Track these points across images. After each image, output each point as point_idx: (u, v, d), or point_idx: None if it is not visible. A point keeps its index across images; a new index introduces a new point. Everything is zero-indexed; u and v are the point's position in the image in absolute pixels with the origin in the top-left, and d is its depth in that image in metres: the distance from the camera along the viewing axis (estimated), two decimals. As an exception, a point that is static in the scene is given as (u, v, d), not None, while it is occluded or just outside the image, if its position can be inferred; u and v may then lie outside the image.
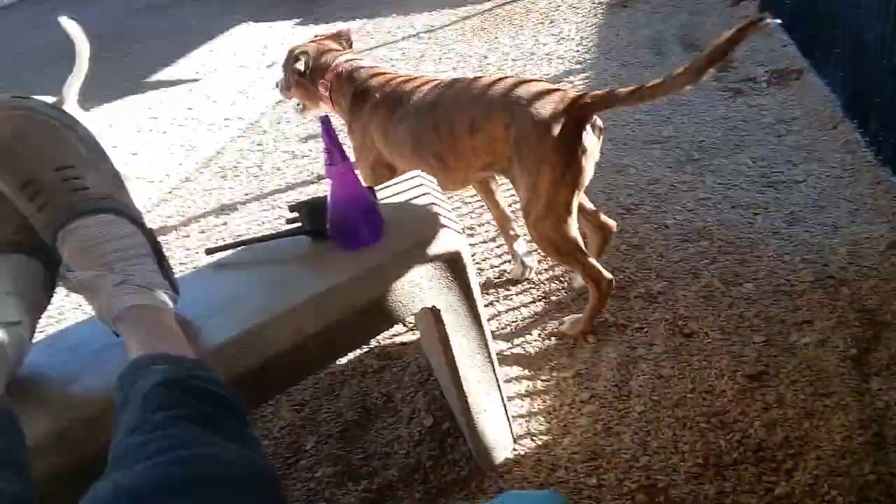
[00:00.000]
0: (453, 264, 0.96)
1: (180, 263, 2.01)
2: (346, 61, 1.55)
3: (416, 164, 1.38)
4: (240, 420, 0.60)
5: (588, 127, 1.22)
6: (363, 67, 1.53)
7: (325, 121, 0.89)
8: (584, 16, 3.44)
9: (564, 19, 3.43)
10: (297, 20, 4.57)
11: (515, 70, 2.90)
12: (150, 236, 0.80)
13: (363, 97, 1.49)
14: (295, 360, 0.88)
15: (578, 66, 2.80)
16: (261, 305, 0.88)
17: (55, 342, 0.88)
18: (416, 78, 1.46)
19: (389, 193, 1.11)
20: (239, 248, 1.04)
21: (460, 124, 1.30)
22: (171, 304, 0.76)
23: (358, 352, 1.50)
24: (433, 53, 3.35)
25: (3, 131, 0.73)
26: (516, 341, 1.45)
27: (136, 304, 0.71)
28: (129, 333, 0.70)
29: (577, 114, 1.21)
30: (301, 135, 2.77)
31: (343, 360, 1.48)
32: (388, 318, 0.95)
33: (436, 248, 0.95)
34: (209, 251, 1.04)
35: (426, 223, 1.00)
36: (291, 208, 1.02)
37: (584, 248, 1.32)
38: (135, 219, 0.78)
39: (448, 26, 3.75)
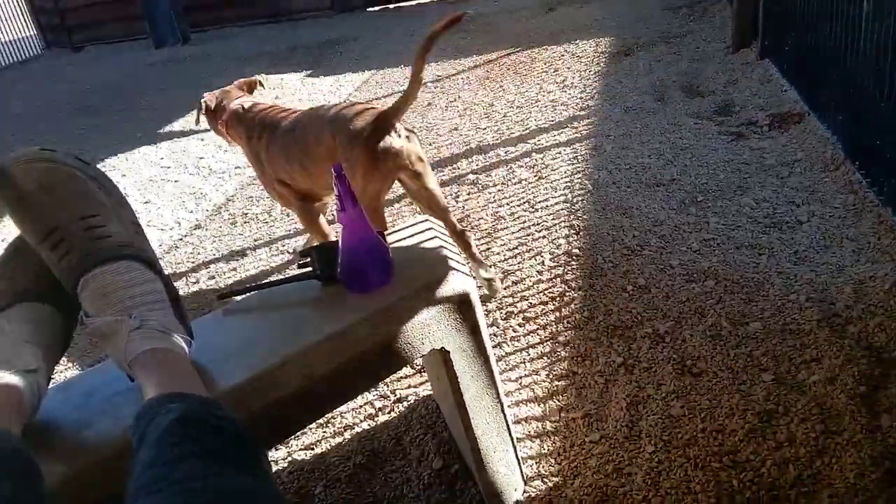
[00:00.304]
0: (462, 306, 0.98)
1: (191, 310, 2.04)
2: (238, 103, 1.89)
3: (291, 174, 1.76)
4: (253, 455, 0.61)
5: (393, 133, 1.55)
6: (251, 106, 1.86)
7: (338, 169, 0.93)
8: (586, 64, 3.53)
9: (568, 68, 3.53)
10: (307, 72, 4.70)
11: (521, 117, 2.97)
12: (167, 281, 0.82)
13: (251, 129, 1.83)
14: (305, 403, 0.89)
15: (582, 113, 2.86)
16: (272, 349, 0.90)
17: (69, 389, 0.90)
18: (286, 109, 1.82)
19: (399, 237, 1.13)
20: (250, 293, 1.06)
21: (310, 140, 1.66)
22: (185, 347, 0.78)
23: (366, 394, 1.50)
24: (440, 101, 3.43)
25: (28, 182, 0.76)
26: (524, 382, 1.46)
27: (152, 348, 0.73)
28: (145, 376, 0.71)
29: (380, 124, 1.54)
30: (310, 182, 2.82)
31: (351, 403, 1.49)
32: (398, 359, 0.97)
33: (445, 289, 0.97)
34: (221, 296, 1.06)
35: (435, 265, 1.02)
36: (302, 253, 1.05)
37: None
38: (153, 265, 0.81)
39: (454, 76, 3.85)
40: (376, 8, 6.82)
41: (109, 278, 0.75)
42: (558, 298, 1.69)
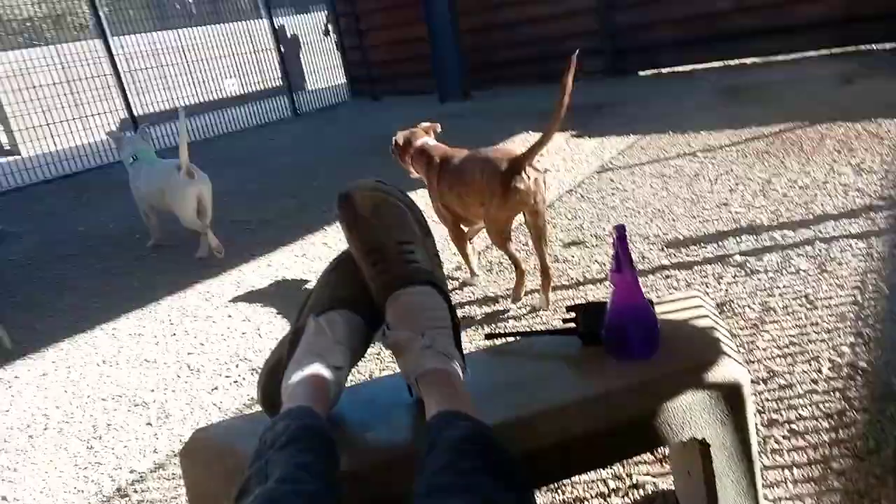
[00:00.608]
0: (732, 397, 0.92)
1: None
2: (422, 142, 2.41)
3: (451, 201, 2.26)
4: (525, 483, 0.66)
5: (523, 174, 1.97)
6: (432, 146, 2.39)
7: (621, 229, 0.94)
8: (890, 148, 3.11)
9: (866, 149, 3.14)
10: (573, 132, 4.84)
11: (803, 199, 2.71)
12: (453, 312, 0.91)
13: (430, 163, 2.33)
14: (556, 459, 0.91)
15: (882, 203, 2.52)
16: (530, 396, 0.93)
17: (356, 393, 1.02)
18: (455, 150, 2.33)
19: (667, 309, 1.10)
20: (515, 338, 1.12)
21: (466, 176, 2.15)
22: (461, 374, 0.86)
23: (600, 470, 1.46)
24: (709, 173, 3.28)
25: (363, 207, 0.91)
26: (791, 490, 1.29)
27: (437, 368, 0.82)
28: (429, 391, 0.80)
29: (513, 166, 1.97)
30: (565, 240, 2.88)
31: (584, 475, 1.45)
32: (651, 439, 0.94)
33: (714, 375, 0.92)
34: (489, 336, 1.14)
35: (705, 346, 0.98)
36: (569, 308, 1.08)
37: (513, 253, 2.21)
38: (446, 294, 0.91)
39: (728, 147, 3.66)
40: (648, 72, 6.80)
41: (413, 298, 0.87)
42: (836, 417, 1.47)
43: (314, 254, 3.15)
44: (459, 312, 1.82)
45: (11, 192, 5.58)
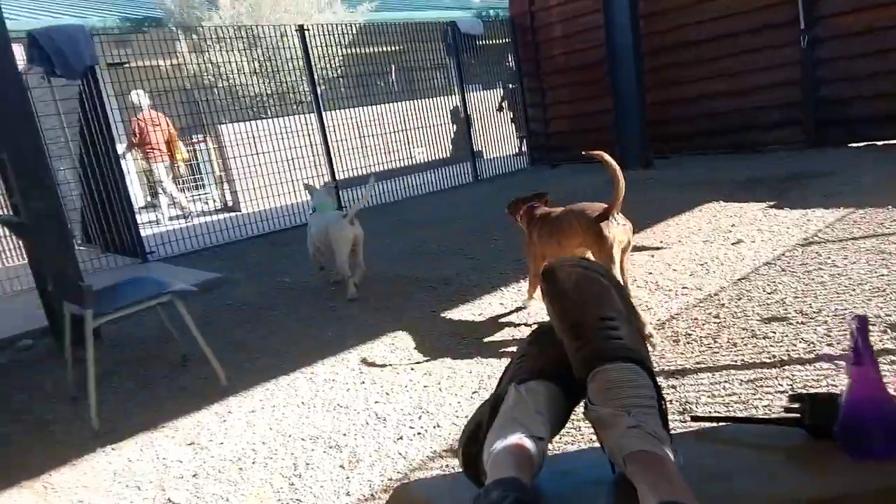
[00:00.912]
0: None
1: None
2: (529, 205, 3.04)
3: (548, 247, 2.86)
4: None
5: (612, 221, 2.53)
6: (536, 208, 3.00)
7: (862, 321, 0.86)
8: None
9: None
10: (770, 203, 4.52)
11: None
12: (660, 393, 0.88)
13: (532, 220, 2.97)
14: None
15: None
16: (748, 490, 0.86)
17: (552, 465, 1.01)
18: (553, 210, 2.92)
19: (913, 407, 0.97)
20: (725, 423, 1.05)
21: (564, 225, 2.75)
22: (673, 459, 0.82)
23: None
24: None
25: (567, 282, 0.92)
26: None
27: (646, 450, 0.79)
28: (642, 475, 0.77)
29: (604, 214, 2.54)
30: (764, 315, 2.66)
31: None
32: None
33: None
34: (695, 418, 1.07)
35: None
36: (792, 398, 0.99)
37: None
38: (651, 373, 0.88)
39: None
40: (859, 144, 6.20)
41: (615, 375, 0.85)
42: None
43: (489, 312, 3.21)
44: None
45: (230, 245, 6.38)
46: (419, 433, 2.15)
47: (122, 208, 6.00)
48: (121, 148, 6.90)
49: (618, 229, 2.53)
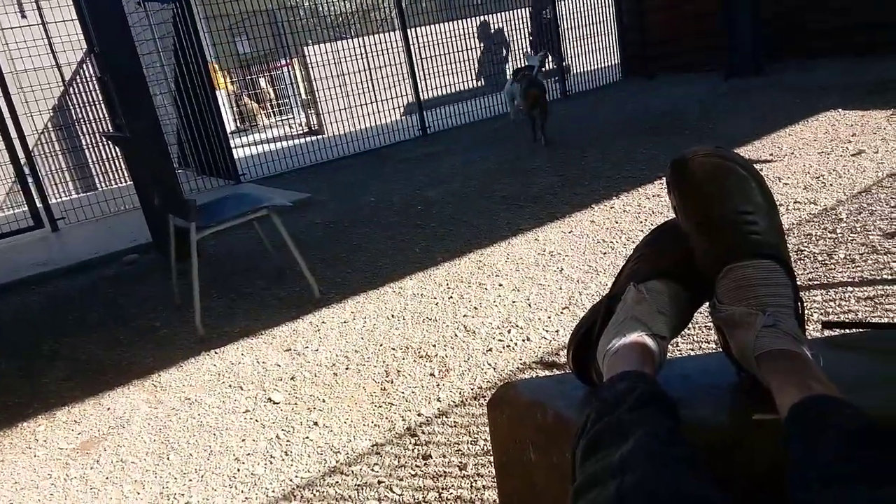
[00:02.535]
0: None
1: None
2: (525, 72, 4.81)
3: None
4: None
5: None
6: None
7: None
8: None
9: None
10: (894, 110, 4.06)
11: None
12: (798, 293, 0.78)
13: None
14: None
15: None
16: (889, 399, 0.77)
17: (668, 369, 0.95)
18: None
19: None
20: (862, 330, 0.94)
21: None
22: (812, 358, 0.73)
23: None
24: None
25: (700, 173, 0.82)
26: None
27: (785, 349, 0.70)
28: (775, 373, 0.69)
29: None
30: (887, 230, 2.42)
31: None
32: None
33: None
34: (827, 324, 0.97)
35: None
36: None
37: None
38: (791, 272, 0.78)
39: None
40: None
41: (752, 272, 0.76)
42: None
43: (580, 231, 3.10)
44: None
45: (318, 166, 6.47)
46: (508, 346, 2.13)
47: (215, 131, 6.18)
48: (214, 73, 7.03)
49: None
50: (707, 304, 0.86)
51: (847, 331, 0.95)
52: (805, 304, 2.01)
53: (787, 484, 0.58)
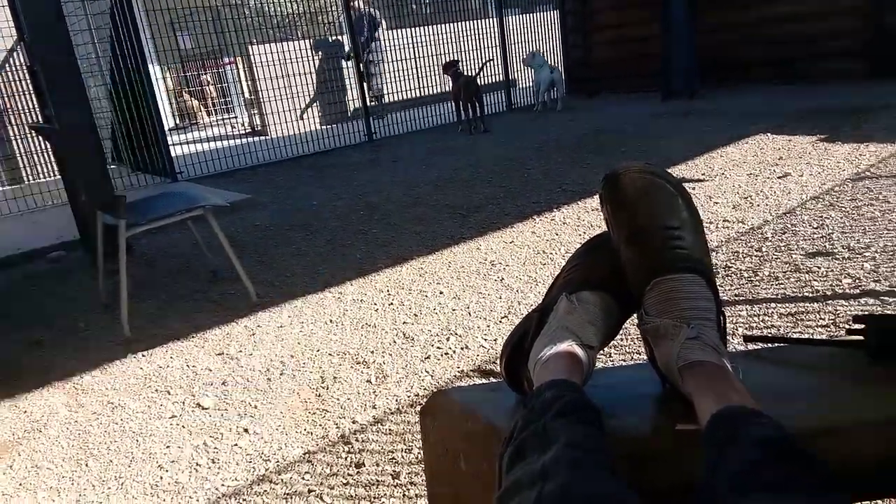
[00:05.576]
0: None
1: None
2: (454, 67, 6.23)
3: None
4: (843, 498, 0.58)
5: None
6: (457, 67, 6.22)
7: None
8: None
9: None
10: (821, 136, 4.30)
11: None
12: (720, 307, 0.82)
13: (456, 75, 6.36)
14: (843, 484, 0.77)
15: None
16: (808, 410, 0.81)
17: (596, 378, 0.97)
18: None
19: None
20: (779, 344, 0.98)
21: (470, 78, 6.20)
22: (731, 370, 0.76)
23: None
24: None
25: (630, 189, 0.84)
26: None
27: (706, 361, 0.73)
28: (702, 384, 0.72)
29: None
30: (809, 250, 2.55)
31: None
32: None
33: None
34: (748, 338, 1.01)
35: None
36: (856, 318, 0.92)
37: None
38: (713, 285, 0.81)
39: None
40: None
41: (677, 285, 0.79)
42: None
43: (521, 241, 3.14)
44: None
45: (259, 167, 6.34)
46: (447, 353, 2.13)
47: (152, 127, 5.98)
48: (152, 67, 6.81)
49: None
50: (636, 315, 0.88)
51: (767, 344, 0.99)
52: (729, 318, 2.10)
53: (697, 490, 0.60)
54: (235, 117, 9.92)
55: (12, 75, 6.76)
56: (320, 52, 8.18)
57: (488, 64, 7.00)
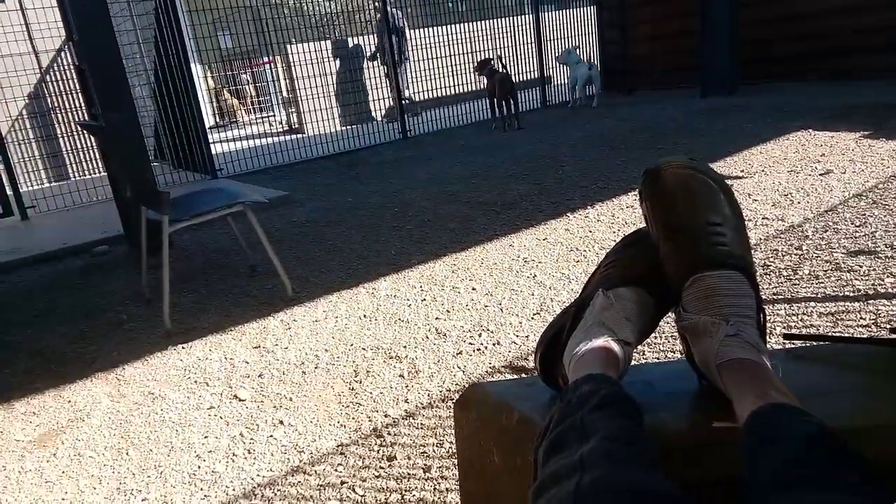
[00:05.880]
0: None
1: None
2: (490, 66, 6.59)
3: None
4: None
5: None
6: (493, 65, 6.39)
7: None
8: None
9: None
10: (865, 132, 4.17)
11: None
12: (761, 305, 0.80)
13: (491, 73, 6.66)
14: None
15: None
16: (850, 408, 0.79)
17: (632, 375, 0.96)
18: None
19: None
20: (822, 342, 0.96)
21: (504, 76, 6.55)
22: (772, 368, 0.75)
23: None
24: None
25: (671, 183, 0.83)
26: None
27: (746, 358, 0.72)
28: (735, 382, 0.71)
29: None
30: (851, 248, 2.48)
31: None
32: None
33: None
34: (788, 336, 0.99)
35: None
36: (903, 317, 0.89)
37: None
38: (755, 284, 0.80)
39: None
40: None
41: (717, 282, 0.77)
42: None
43: (555, 238, 3.12)
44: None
45: (296, 165, 6.43)
46: (479, 349, 2.13)
47: (194, 125, 6.11)
48: (194, 66, 6.97)
49: None
50: (673, 311, 0.87)
51: (807, 343, 0.97)
52: (768, 317, 2.06)
53: (740, 487, 0.60)
54: (273, 115, 10.07)
55: (60, 74, 6.99)
56: (339, 56, 8.30)
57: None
